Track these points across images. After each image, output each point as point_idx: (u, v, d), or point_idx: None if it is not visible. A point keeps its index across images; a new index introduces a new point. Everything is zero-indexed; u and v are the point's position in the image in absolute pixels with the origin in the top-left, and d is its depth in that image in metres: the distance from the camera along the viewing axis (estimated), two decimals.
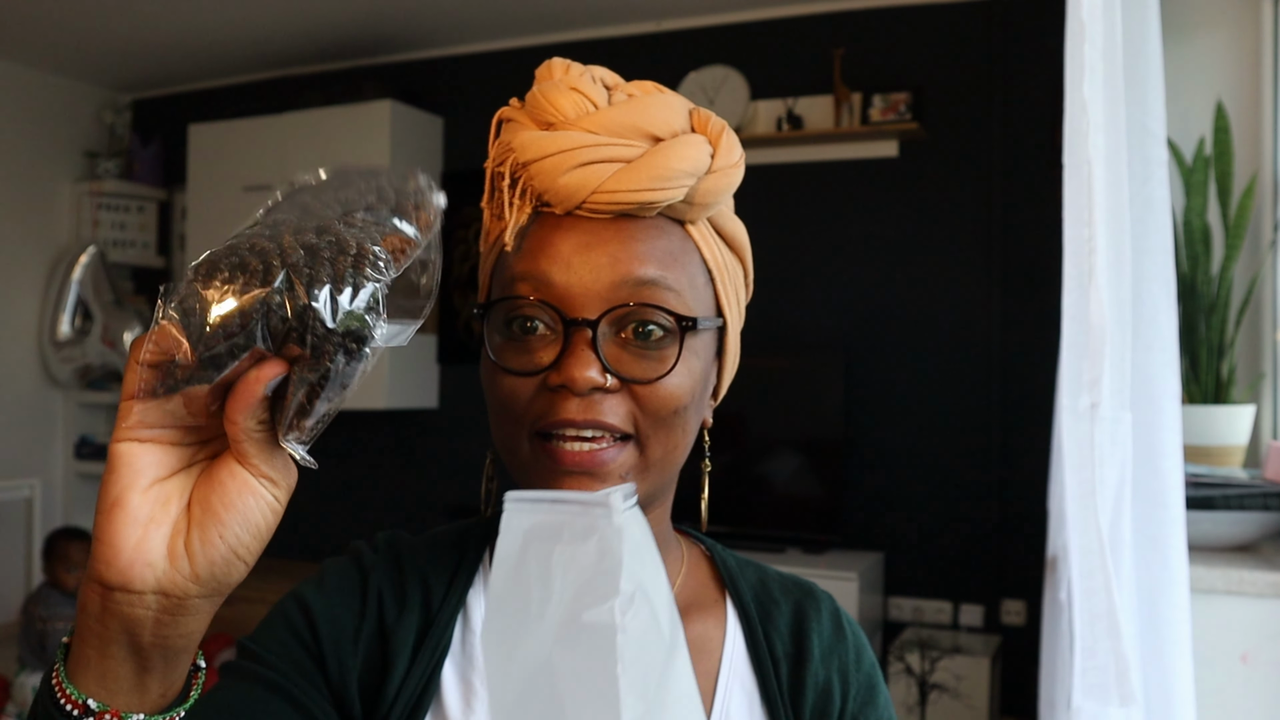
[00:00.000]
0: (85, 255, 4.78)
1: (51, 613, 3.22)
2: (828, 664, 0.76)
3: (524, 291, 0.66)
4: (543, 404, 0.65)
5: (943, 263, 3.69)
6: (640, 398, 0.65)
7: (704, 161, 0.67)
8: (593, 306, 0.65)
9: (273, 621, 0.73)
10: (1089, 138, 1.46)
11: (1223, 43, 2.56)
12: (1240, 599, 1.78)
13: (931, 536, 3.66)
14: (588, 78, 0.70)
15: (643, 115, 0.67)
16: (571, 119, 0.67)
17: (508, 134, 0.70)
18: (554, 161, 0.65)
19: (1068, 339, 1.51)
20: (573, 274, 0.65)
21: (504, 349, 0.67)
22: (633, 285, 0.65)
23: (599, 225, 0.66)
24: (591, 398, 0.64)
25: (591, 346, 0.64)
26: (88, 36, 4.40)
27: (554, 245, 0.66)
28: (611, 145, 0.65)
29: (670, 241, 0.68)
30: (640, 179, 0.65)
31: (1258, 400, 2.47)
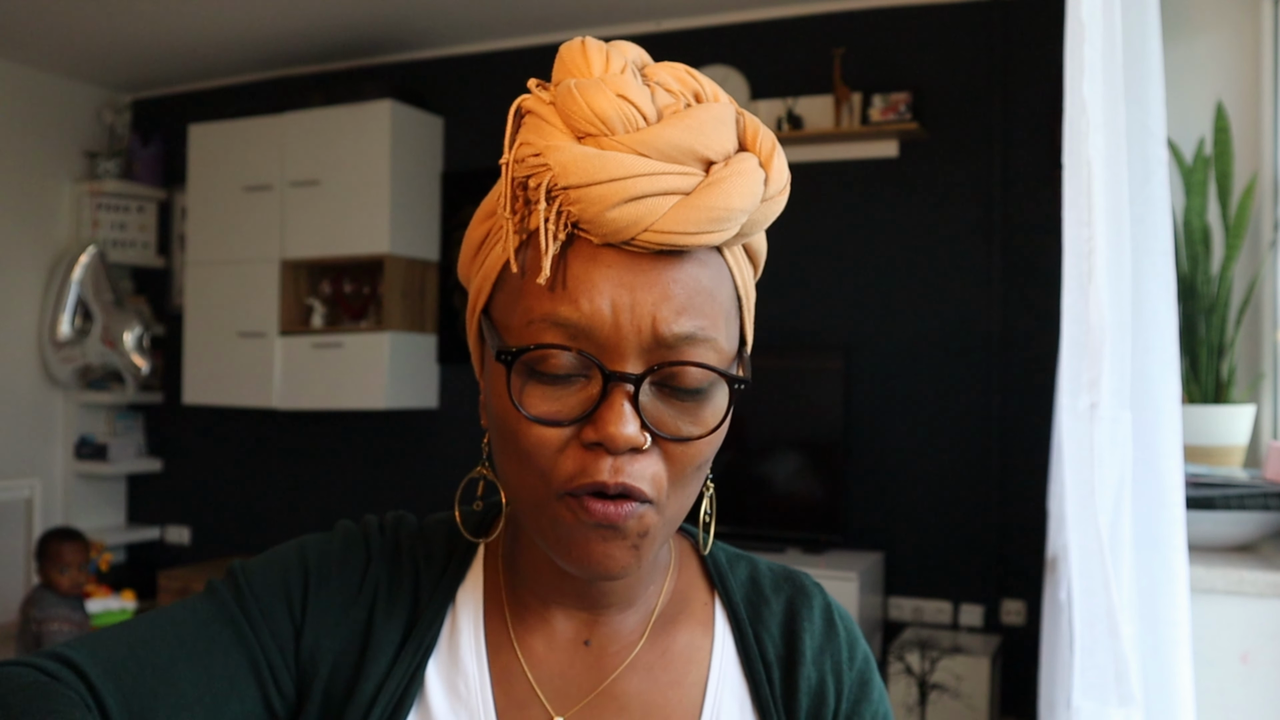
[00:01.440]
0: (85, 255, 4.78)
1: (46, 614, 3.22)
2: (820, 664, 0.74)
3: (555, 336, 0.59)
4: (573, 460, 0.59)
5: (943, 263, 3.69)
6: (670, 455, 0.61)
7: (759, 192, 0.60)
8: (632, 356, 0.59)
9: (270, 565, 0.72)
10: (1089, 138, 1.47)
11: (1223, 43, 2.56)
12: (1240, 599, 1.78)
13: (931, 536, 3.66)
14: (630, 75, 0.60)
15: (698, 136, 0.58)
16: (618, 134, 0.58)
17: (534, 134, 0.60)
18: (603, 192, 0.57)
19: (1067, 339, 1.51)
20: (613, 320, 0.58)
21: (531, 393, 0.60)
22: (674, 339, 0.59)
23: (641, 261, 0.59)
24: (623, 457, 0.59)
25: (633, 402, 0.58)
26: (88, 36, 4.40)
27: (593, 284, 0.58)
28: (666, 175, 0.57)
29: (707, 276, 0.61)
30: (699, 219, 0.57)
31: (1257, 400, 2.47)
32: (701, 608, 0.75)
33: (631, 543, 0.61)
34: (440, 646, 0.71)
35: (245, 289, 4.52)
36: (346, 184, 4.32)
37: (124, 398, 4.95)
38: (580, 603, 0.71)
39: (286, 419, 4.76)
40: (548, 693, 0.70)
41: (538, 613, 0.72)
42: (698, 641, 0.73)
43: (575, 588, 0.70)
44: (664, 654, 0.72)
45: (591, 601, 0.71)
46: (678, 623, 0.74)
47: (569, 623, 0.71)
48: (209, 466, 5.05)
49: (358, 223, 4.30)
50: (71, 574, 3.29)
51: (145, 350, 4.80)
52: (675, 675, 0.72)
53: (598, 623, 0.72)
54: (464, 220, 4.49)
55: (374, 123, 4.26)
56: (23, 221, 4.79)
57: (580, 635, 0.71)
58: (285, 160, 4.45)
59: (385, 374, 4.22)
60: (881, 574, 3.65)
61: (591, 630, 0.72)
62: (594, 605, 0.71)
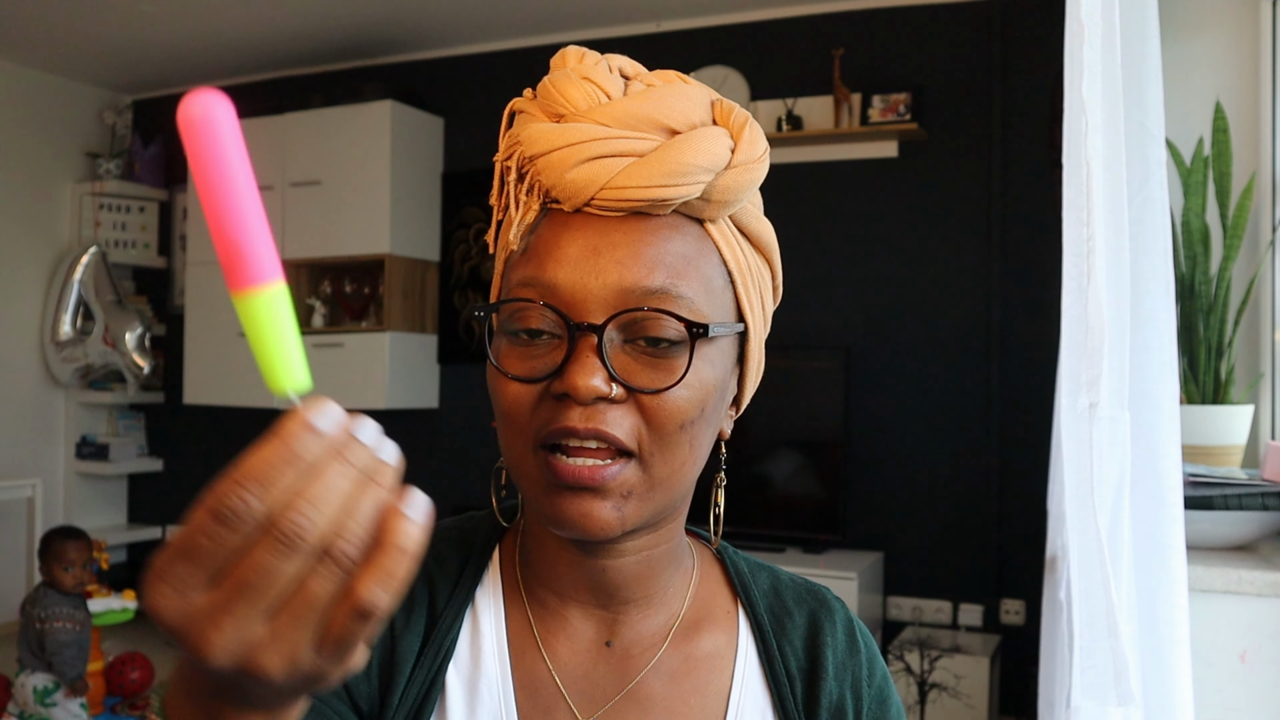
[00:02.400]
0: (86, 255, 4.79)
1: (49, 613, 3.22)
2: (841, 679, 0.74)
3: (528, 295, 0.62)
4: (546, 413, 0.61)
5: (942, 262, 3.69)
6: (646, 410, 0.62)
7: (723, 156, 0.62)
8: (600, 312, 0.61)
9: None
10: (1088, 138, 1.47)
11: (1222, 43, 2.56)
12: (1239, 598, 1.78)
13: (931, 536, 3.67)
14: (603, 66, 0.65)
15: (659, 106, 0.62)
16: (582, 110, 0.63)
17: (518, 126, 0.66)
18: (561, 155, 0.61)
19: (1067, 339, 1.51)
20: (579, 278, 0.61)
21: (508, 354, 0.63)
22: (642, 292, 0.61)
23: (609, 225, 0.62)
24: (595, 407, 0.60)
25: (597, 353, 0.60)
26: (89, 37, 4.40)
27: (560, 246, 0.62)
28: (623, 138, 0.61)
29: (685, 243, 0.63)
30: (652, 174, 0.60)
31: (1256, 400, 2.47)
32: (725, 615, 0.75)
33: (614, 503, 0.62)
34: (460, 650, 0.70)
35: None
36: (347, 184, 4.32)
37: (125, 397, 4.96)
38: (597, 598, 0.70)
39: None
40: (573, 695, 0.69)
41: (557, 613, 0.71)
42: (721, 649, 0.73)
43: (589, 578, 0.69)
44: (687, 659, 0.72)
45: (607, 596, 0.70)
46: (701, 629, 0.73)
47: (589, 623, 0.71)
48: (210, 466, 5.03)
49: (358, 223, 4.30)
50: (76, 572, 3.30)
51: (146, 350, 4.80)
52: (699, 681, 0.71)
53: (619, 623, 0.71)
54: (464, 220, 4.50)
55: (374, 123, 4.27)
56: (24, 222, 4.79)
57: (601, 636, 0.71)
58: (286, 160, 4.46)
59: (385, 374, 4.22)
60: (881, 574, 3.65)
61: (613, 631, 0.71)
62: (610, 601, 0.70)
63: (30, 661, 3.21)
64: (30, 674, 3.20)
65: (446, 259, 4.54)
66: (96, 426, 5.10)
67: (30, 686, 3.18)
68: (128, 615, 3.73)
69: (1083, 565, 1.45)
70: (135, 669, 3.73)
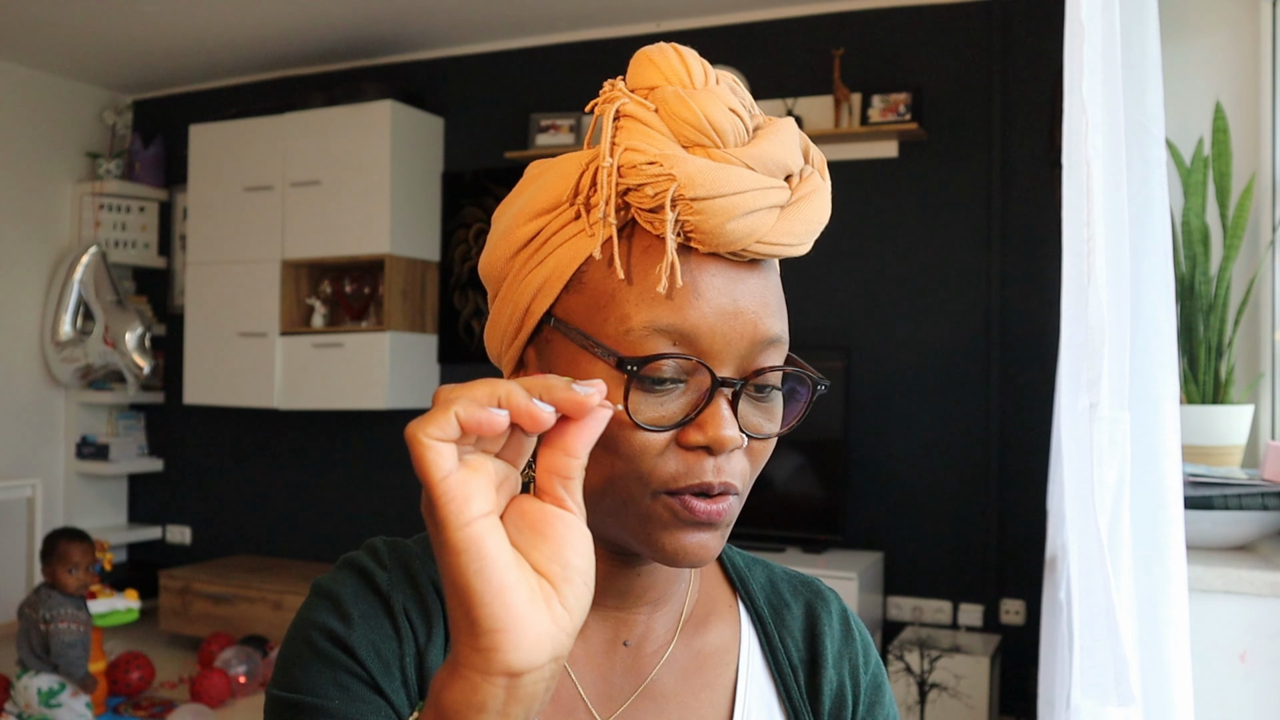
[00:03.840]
0: (86, 255, 4.79)
1: (55, 614, 3.22)
2: (839, 667, 0.76)
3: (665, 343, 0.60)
4: (677, 464, 0.61)
5: (942, 263, 3.69)
6: (752, 451, 0.64)
7: (829, 205, 0.64)
8: (731, 362, 0.61)
9: (302, 661, 0.64)
10: (1088, 138, 1.47)
11: (1221, 43, 2.56)
12: (1239, 598, 1.78)
13: (931, 536, 3.67)
14: (728, 90, 0.63)
15: (785, 152, 0.62)
16: (730, 148, 0.61)
17: (641, 140, 0.60)
18: (725, 204, 0.58)
19: (1067, 339, 1.52)
20: (721, 328, 0.60)
21: (631, 399, 0.61)
22: (765, 342, 0.62)
23: (739, 271, 0.62)
24: (723, 456, 0.61)
25: (732, 405, 0.61)
26: (89, 37, 4.40)
27: (702, 294, 0.60)
28: (770, 189, 0.60)
29: (777, 282, 0.65)
30: (796, 230, 0.61)
31: (1256, 400, 2.47)
32: (727, 609, 0.76)
33: (721, 533, 0.64)
34: None
35: (246, 289, 4.52)
36: (347, 184, 4.33)
37: (125, 397, 4.96)
38: (620, 601, 0.70)
39: (287, 419, 4.77)
40: (591, 696, 0.69)
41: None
42: (726, 643, 0.74)
43: (618, 585, 0.69)
44: (696, 655, 0.73)
45: (633, 599, 0.70)
46: (707, 624, 0.74)
47: (604, 624, 0.71)
48: (210, 466, 5.05)
49: (358, 223, 4.30)
50: (80, 574, 3.30)
51: (146, 350, 4.81)
52: (707, 676, 0.73)
53: (633, 622, 0.71)
54: (464, 220, 4.50)
55: (374, 123, 4.27)
56: (24, 222, 4.80)
57: (617, 635, 0.71)
58: (286, 160, 4.46)
59: (385, 374, 4.22)
60: (881, 574, 3.65)
61: (629, 630, 0.71)
62: (635, 603, 0.71)
63: (34, 663, 3.21)
64: (34, 675, 3.20)
65: (446, 259, 4.54)
66: (96, 426, 5.10)
67: (34, 688, 3.18)
68: (133, 615, 3.73)
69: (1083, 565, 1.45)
70: (137, 669, 3.73)
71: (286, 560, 4.76)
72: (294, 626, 0.67)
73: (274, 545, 4.88)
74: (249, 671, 3.82)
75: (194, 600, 4.37)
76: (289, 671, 0.65)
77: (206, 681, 3.63)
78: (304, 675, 0.64)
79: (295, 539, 4.82)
